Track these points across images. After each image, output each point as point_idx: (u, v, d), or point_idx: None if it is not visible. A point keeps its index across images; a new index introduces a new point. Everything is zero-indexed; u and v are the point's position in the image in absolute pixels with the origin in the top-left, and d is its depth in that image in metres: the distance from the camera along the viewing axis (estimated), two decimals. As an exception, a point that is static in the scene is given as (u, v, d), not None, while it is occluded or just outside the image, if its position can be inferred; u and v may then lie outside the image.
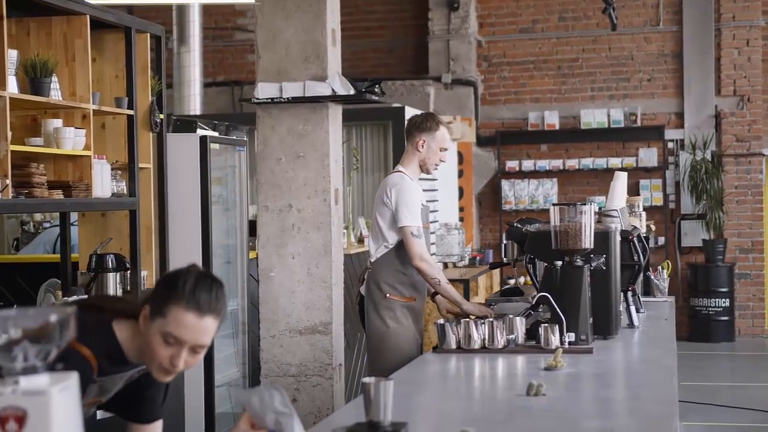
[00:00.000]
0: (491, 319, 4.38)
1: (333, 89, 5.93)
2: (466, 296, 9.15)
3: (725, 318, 12.40)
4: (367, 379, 2.75)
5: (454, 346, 4.33)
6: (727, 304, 12.38)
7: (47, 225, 8.92)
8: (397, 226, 5.20)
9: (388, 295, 5.28)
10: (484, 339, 4.31)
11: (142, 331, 2.65)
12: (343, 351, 6.14)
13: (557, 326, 4.28)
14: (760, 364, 11.42)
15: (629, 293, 5.14)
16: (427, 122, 5.42)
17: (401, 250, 5.26)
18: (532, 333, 4.43)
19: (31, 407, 1.73)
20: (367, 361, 5.73)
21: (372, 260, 5.37)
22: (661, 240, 12.71)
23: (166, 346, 2.59)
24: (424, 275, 5.20)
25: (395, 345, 5.25)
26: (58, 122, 5.18)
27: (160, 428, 3.01)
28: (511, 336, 4.35)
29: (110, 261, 5.54)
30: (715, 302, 12.36)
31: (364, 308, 5.46)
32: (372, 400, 2.75)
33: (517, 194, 13.04)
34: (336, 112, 6.15)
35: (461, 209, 12.48)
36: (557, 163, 12.95)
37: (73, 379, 1.81)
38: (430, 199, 10.36)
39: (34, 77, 4.97)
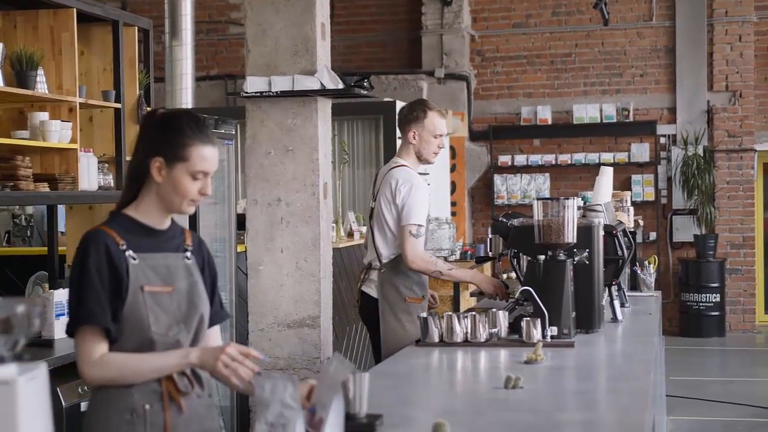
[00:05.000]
0: (474, 313, 4.39)
1: (322, 83, 5.94)
2: (456, 290, 9.13)
3: (716, 313, 12.43)
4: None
5: (436, 340, 4.35)
6: (718, 299, 12.42)
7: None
8: (400, 224, 5.10)
9: (407, 298, 5.18)
10: (466, 333, 4.34)
11: (159, 181, 2.87)
12: (332, 345, 6.16)
13: (539, 320, 4.30)
14: (751, 359, 11.46)
15: (613, 288, 5.15)
16: (413, 112, 5.28)
17: None
18: (515, 327, 4.45)
19: (-3, 397, 1.75)
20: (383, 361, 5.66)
21: (383, 260, 5.21)
22: (653, 235, 12.74)
23: (194, 182, 2.87)
24: (423, 273, 5.13)
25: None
26: (44, 115, 5.20)
27: (218, 333, 3.14)
28: (493, 330, 4.37)
29: (97, 254, 5.53)
30: (706, 297, 12.39)
31: (365, 308, 5.32)
32: (348, 392, 2.78)
33: (510, 189, 13.06)
34: (325, 106, 6.16)
35: (454, 204, 12.51)
36: (549, 158, 12.97)
37: (41, 369, 1.83)
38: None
39: (20, 70, 4.98)
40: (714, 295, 12.39)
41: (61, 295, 4.93)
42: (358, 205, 9.85)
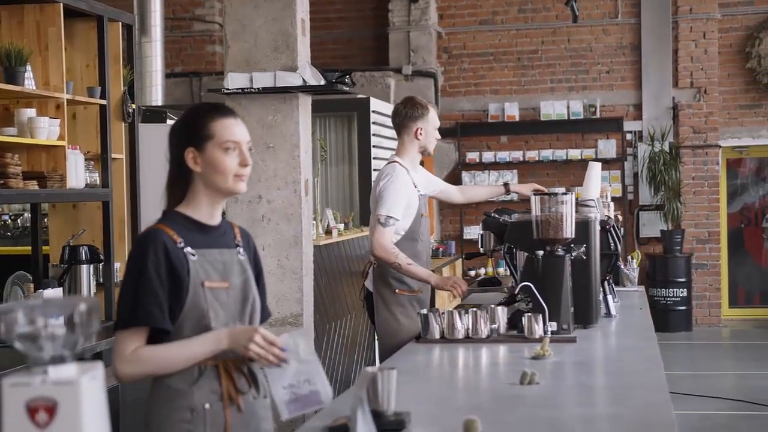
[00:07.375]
0: (475, 309, 4.38)
1: (304, 79, 5.91)
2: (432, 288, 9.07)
3: (683, 308, 12.55)
4: (370, 369, 2.75)
5: (437, 336, 4.34)
6: (685, 293, 12.53)
7: (5, 217, 8.78)
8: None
9: (397, 290, 5.22)
10: (467, 329, 4.32)
11: (199, 170, 2.87)
12: (313, 342, 6.13)
13: (540, 316, 4.30)
14: (718, 352, 11.58)
15: (606, 282, 5.17)
16: (417, 110, 5.39)
17: (405, 242, 5.18)
18: (512, 323, 4.44)
19: (61, 397, 1.71)
20: (379, 357, 5.66)
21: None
22: (620, 231, 12.80)
23: (229, 155, 2.86)
24: (384, 263, 5.15)
25: (408, 340, 5.14)
26: (31, 111, 5.10)
27: None
28: (493, 326, 4.36)
29: (84, 253, 5.46)
30: (673, 292, 12.50)
31: (371, 303, 5.35)
32: (376, 389, 2.75)
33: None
34: (306, 102, 6.13)
35: (422, 201, 12.49)
36: (517, 155, 13.01)
37: (99, 368, 1.79)
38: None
39: (8, 66, 4.88)
40: (681, 289, 12.50)
41: (51, 295, 4.84)
42: (334, 202, 9.80)
